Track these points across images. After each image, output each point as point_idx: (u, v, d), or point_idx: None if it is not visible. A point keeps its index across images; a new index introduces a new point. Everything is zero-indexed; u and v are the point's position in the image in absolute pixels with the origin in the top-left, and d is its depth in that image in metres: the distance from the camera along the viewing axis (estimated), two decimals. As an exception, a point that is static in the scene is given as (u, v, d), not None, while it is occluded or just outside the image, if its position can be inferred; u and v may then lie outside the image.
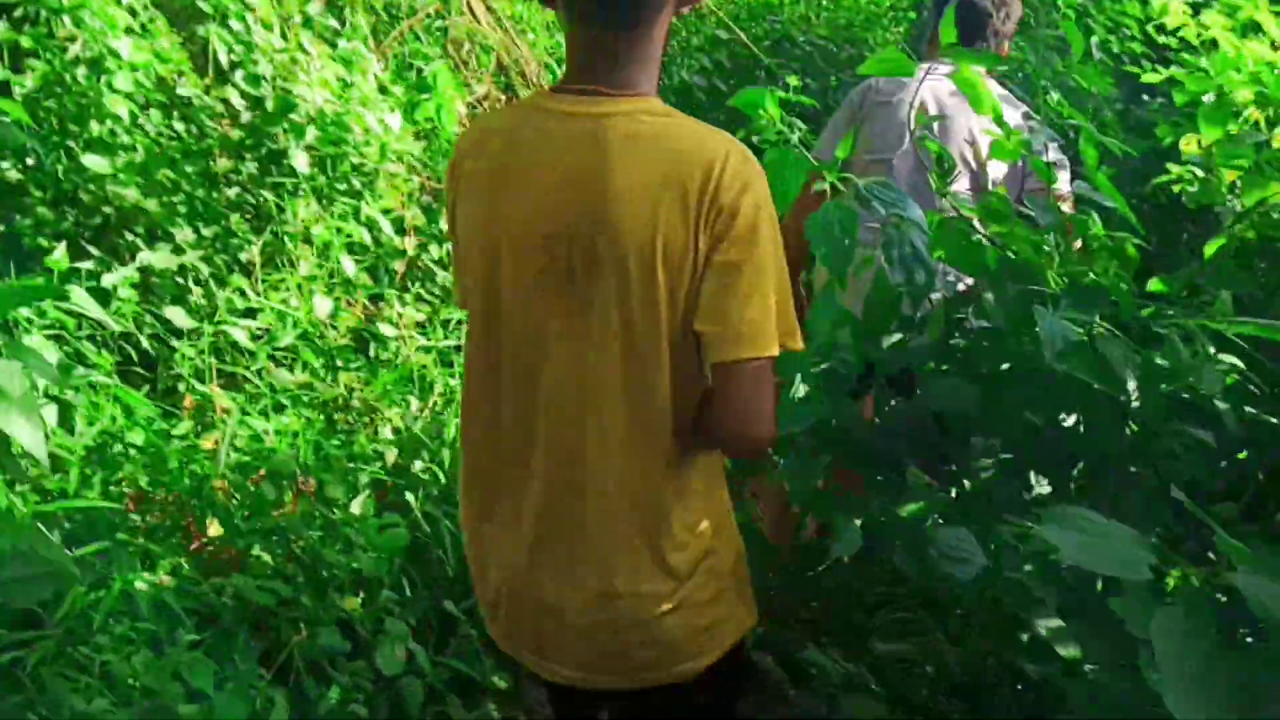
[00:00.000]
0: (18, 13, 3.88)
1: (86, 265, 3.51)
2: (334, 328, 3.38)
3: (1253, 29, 4.24)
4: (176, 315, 2.96)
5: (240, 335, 2.96)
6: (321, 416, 2.88)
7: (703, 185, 1.40)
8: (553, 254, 1.46)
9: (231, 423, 2.64)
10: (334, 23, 4.55)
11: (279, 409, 2.94)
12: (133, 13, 4.16)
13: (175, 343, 3.18)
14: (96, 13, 3.75)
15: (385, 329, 3.21)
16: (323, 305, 3.11)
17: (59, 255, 2.72)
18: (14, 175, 3.98)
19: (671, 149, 1.42)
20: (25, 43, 3.77)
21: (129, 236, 3.76)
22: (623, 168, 1.41)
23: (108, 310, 3.36)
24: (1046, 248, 1.54)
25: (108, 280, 3.30)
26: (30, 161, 3.95)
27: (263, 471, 2.53)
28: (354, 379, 3.02)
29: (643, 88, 1.48)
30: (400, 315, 3.35)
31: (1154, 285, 1.68)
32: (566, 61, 1.52)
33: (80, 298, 2.68)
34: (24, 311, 2.69)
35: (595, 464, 1.51)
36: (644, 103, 1.46)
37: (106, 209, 3.84)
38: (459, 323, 3.91)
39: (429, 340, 3.41)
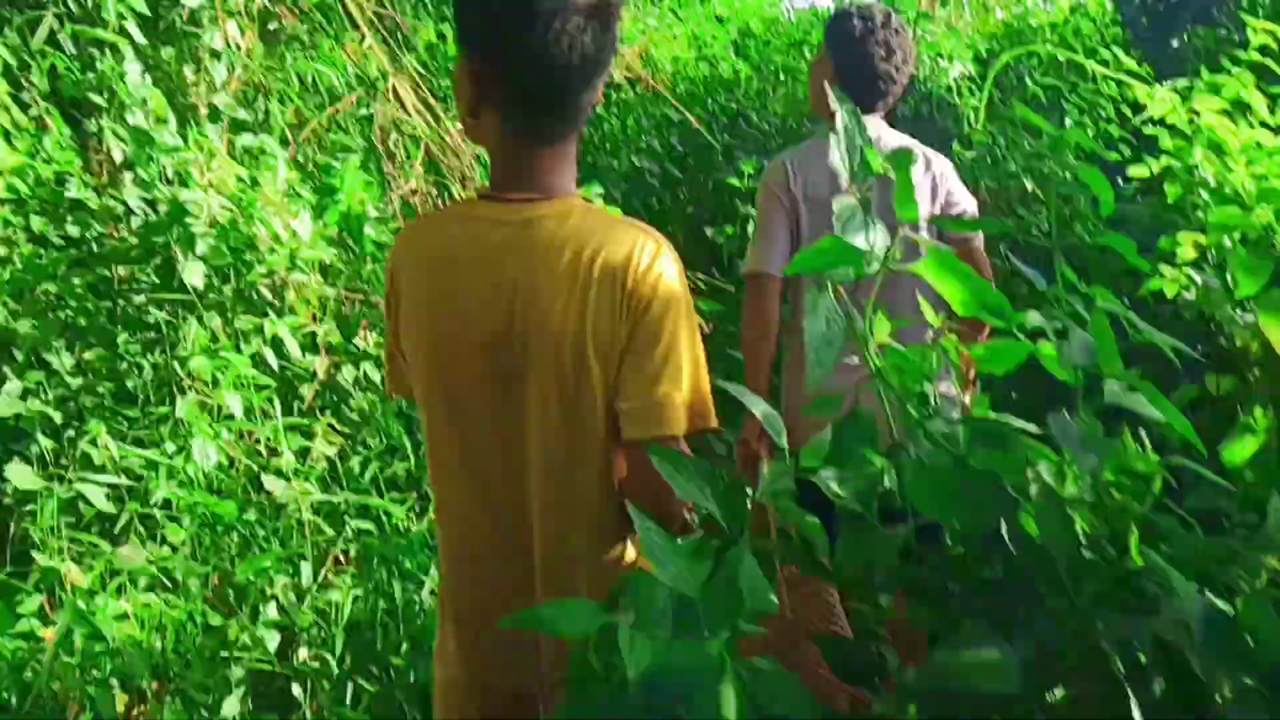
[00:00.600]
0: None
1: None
2: (231, 468, 2.94)
3: (1241, 110, 3.94)
4: (21, 475, 2.51)
5: (97, 496, 2.50)
6: (185, 598, 2.43)
7: (623, 277, 1.53)
8: (494, 353, 1.56)
9: (61, 619, 2.19)
10: (245, 113, 4.18)
11: (155, 581, 2.49)
12: (23, 107, 3.78)
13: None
14: (-39, 112, 3.34)
15: (272, 484, 2.75)
16: (206, 452, 2.67)
17: None
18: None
19: (595, 246, 1.54)
20: (-120, 145, 3.36)
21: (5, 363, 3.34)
22: (552, 267, 1.53)
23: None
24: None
25: (-45, 424, 2.86)
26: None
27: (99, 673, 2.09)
28: (235, 546, 2.59)
29: (567, 188, 1.61)
30: (298, 461, 2.91)
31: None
32: (493, 170, 1.63)
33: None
34: None
35: (544, 537, 1.61)
36: (569, 203, 1.58)
37: (-25, 330, 3.43)
38: (386, 453, 3.49)
39: (338, 482, 2.96)
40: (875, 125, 2.99)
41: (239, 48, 4.28)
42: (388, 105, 4.21)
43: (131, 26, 3.95)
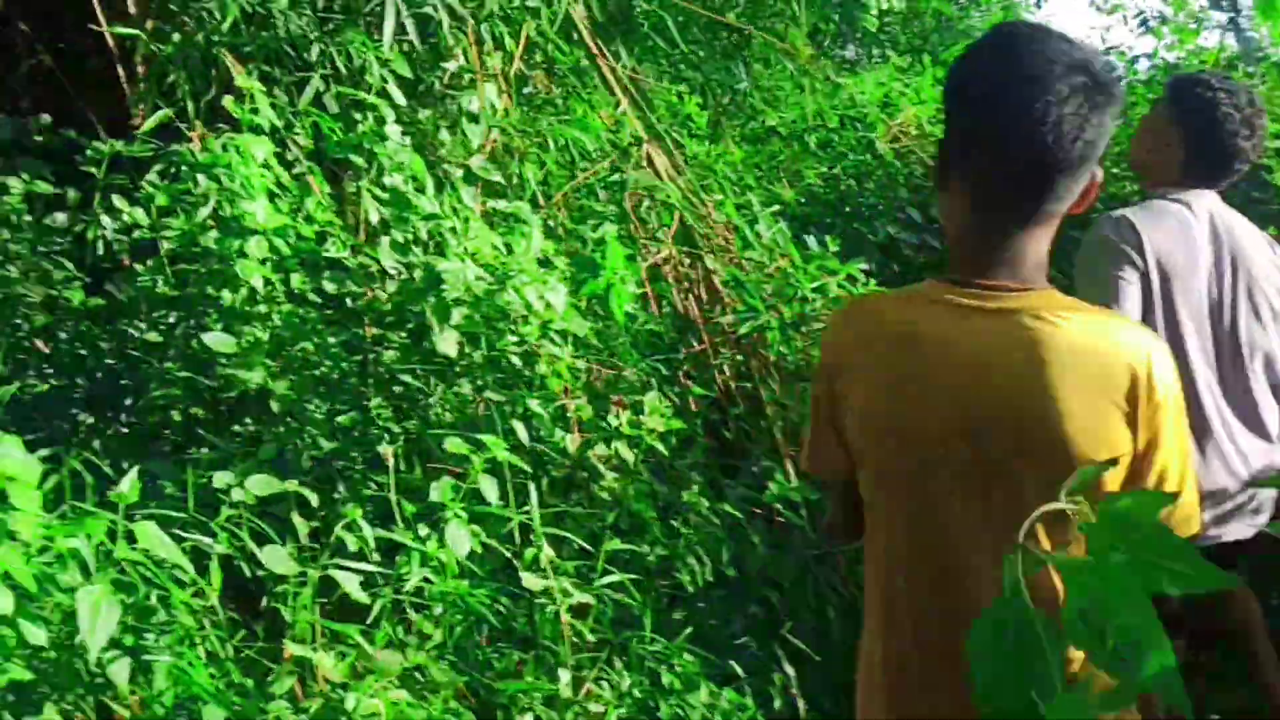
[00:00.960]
0: (158, 166, 3.54)
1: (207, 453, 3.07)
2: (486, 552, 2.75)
3: None
4: (277, 559, 2.38)
5: (352, 583, 2.35)
6: (441, 699, 2.25)
7: (1134, 382, 1.47)
8: (977, 446, 1.49)
9: (312, 713, 2.03)
10: (498, 177, 4.09)
11: (408, 677, 2.31)
12: (286, 166, 3.78)
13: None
14: (233, 170, 3.33)
15: (530, 580, 2.55)
16: (459, 539, 2.49)
17: (125, 487, 2.15)
18: (154, 337, 3.64)
19: (1095, 345, 1.47)
20: (161, 200, 3.40)
21: (258, 421, 3.31)
22: (1046, 362, 1.45)
23: (218, 518, 2.85)
24: None
25: (219, 480, 2.79)
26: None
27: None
28: (488, 642, 2.40)
29: (1041, 281, 1.52)
30: (554, 553, 2.70)
31: None
32: (957, 253, 1.54)
33: (150, 537, 2.12)
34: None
35: None
36: (1049, 297, 1.50)
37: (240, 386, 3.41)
38: (626, 530, 3.26)
39: (590, 583, 2.72)
40: (1213, 202, 2.77)
41: (495, 109, 4.22)
42: (641, 170, 4.06)
43: (393, 88, 3.95)
